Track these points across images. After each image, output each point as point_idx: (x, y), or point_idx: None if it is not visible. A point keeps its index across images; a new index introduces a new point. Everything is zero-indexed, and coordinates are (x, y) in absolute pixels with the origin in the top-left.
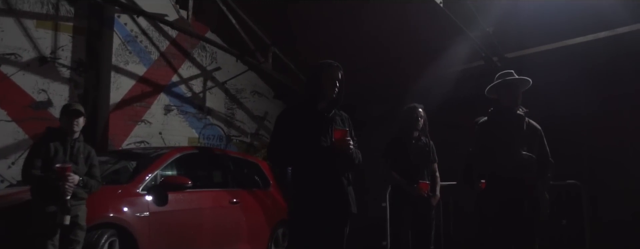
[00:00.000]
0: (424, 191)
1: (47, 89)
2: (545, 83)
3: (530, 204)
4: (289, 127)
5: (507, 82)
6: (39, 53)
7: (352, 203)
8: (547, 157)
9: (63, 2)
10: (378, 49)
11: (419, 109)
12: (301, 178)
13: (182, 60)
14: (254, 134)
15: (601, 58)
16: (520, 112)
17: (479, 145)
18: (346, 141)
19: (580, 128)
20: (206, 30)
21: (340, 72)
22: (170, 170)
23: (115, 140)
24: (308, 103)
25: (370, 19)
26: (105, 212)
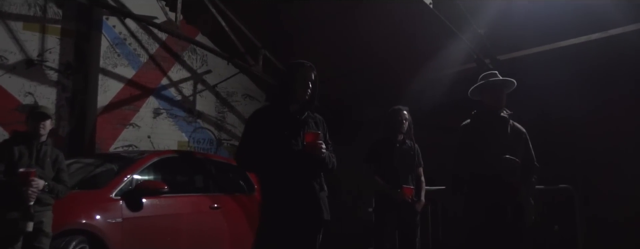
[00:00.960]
0: (408, 196)
1: (33, 92)
2: (537, 85)
3: (515, 210)
4: (259, 130)
5: (491, 83)
6: (25, 55)
7: (324, 209)
8: (533, 161)
9: (51, 4)
10: (371, 51)
11: (404, 111)
12: (270, 183)
13: (172, 63)
14: None
15: (594, 60)
16: (505, 114)
17: (461, 149)
18: (318, 145)
19: (573, 131)
20: (197, 32)
21: (314, 73)
22: (148, 174)
23: (102, 144)
24: (280, 105)
25: (363, 21)
26: (75, 218)
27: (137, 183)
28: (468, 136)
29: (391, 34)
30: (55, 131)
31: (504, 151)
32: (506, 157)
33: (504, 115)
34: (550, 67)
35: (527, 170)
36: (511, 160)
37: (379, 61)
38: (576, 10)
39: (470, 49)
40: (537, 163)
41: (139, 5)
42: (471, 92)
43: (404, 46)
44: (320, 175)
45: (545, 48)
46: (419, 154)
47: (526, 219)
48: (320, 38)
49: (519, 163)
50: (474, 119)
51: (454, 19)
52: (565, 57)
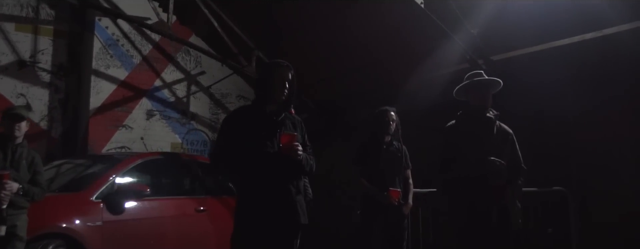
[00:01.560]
0: (395, 199)
1: (26, 93)
2: (532, 85)
3: (500, 213)
4: (235, 130)
5: (475, 83)
6: (18, 57)
7: (301, 213)
8: (519, 163)
9: (43, 5)
10: (365, 52)
11: (391, 112)
12: (245, 186)
13: (166, 64)
14: None
15: (589, 59)
16: (490, 115)
17: (445, 151)
18: (294, 147)
19: (568, 131)
20: (191, 34)
21: (291, 72)
22: (131, 177)
23: (94, 146)
24: (256, 106)
25: (356, 22)
26: (52, 221)
27: (118, 186)
28: (453, 137)
29: (384, 35)
30: (48, 133)
31: (490, 153)
32: (491, 159)
33: (489, 116)
34: (545, 67)
35: (514, 172)
36: (496, 162)
37: (373, 62)
38: (570, 9)
39: (463, 49)
40: (524, 165)
41: (133, 6)
42: (456, 92)
43: (397, 47)
44: (297, 178)
45: (539, 48)
46: (407, 156)
47: (512, 223)
48: (313, 38)
49: (505, 165)
50: (459, 120)
51: (447, 19)
52: (559, 56)
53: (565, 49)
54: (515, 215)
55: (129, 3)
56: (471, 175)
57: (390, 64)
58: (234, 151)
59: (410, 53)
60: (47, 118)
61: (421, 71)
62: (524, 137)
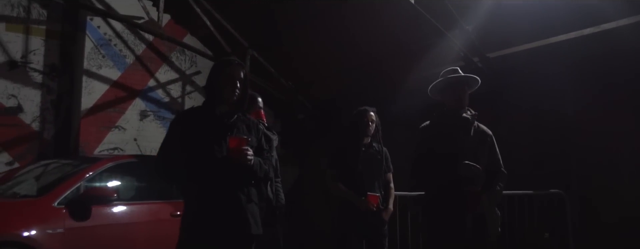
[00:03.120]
0: (373, 205)
1: (17, 94)
2: (529, 83)
3: (475, 222)
4: (181, 134)
5: (450, 81)
6: (8, 57)
7: (252, 222)
8: (499, 167)
9: (35, 5)
10: (360, 51)
11: (370, 112)
12: (190, 194)
13: (160, 64)
14: None
15: (588, 55)
16: (467, 115)
17: (418, 154)
18: (243, 151)
19: (567, 129)
20: (185, 33)
21: (243, 71)
22: (100, 181)
23: (87, 148)
24: (206, 107)
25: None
26: (6, 229)
27: (83, 191)
28: (426, 139)
29: (379, 33)
30: (40, 134)
31: (465, 156)
32: (465, 163)
33: (466, 116)
34: (542, 64)
35: (492, 176)
36: (471, 166)
37: (369, 61)
38: (568, 4)
39: (457, 47)
40: (504, 169)
41: (126, 6)
42: (430, 91)
43: (391, 45)
44: (248, 185)
45: (536, 44)
46: (387, 158)
47: (489, 233)
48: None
49: (480, 170)
50: (433, 121)
51: (440, 15)
52: (557, 53)
53: (564, 45)
54: (493, 224)
55: (122, 2)
56: (444, 181)
57: (386, 63)
58: (177, 157)
59: (405, 52)
60: (39, 119)
61: (416, 69)
62: (522, 135)
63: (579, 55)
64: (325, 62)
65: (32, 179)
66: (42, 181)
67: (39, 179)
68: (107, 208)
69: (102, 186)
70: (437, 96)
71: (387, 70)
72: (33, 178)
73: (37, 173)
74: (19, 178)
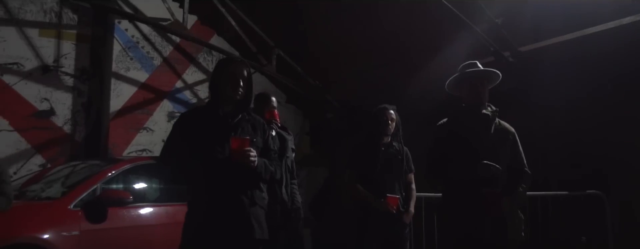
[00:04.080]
0: (393, 207)
1: (49, 98)
2: (565, 77)
3: (495, 226)
4: (184, 135)
5: (468, 75)
6: (41, 62)
7: (256, 226)
8: (522, 166)
9: (66, 10)
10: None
11: (390, 110)
12: (193, 196)
13: (187, 66)
14: None
15: (628, 47)
16: (487, 112)
17: (433, 153)
18: (245, 152)
19: (606, 128)
20: (212, 34)
21: (246, 69)
22: (117, 183)
23: (115, 149)
24: (209, 107)
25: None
26: (22, 231)
27: (99, 193)
28: (442, 138)
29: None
30: (72, 136)
31: (484, 156)
32: (484, 163)
33: (486, 113)
34: (579, 57)
35: (515, 177)
36: (490, 166)
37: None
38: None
39: (486, 41)
40: (528, 169)
41: (152, 8)
42: (448, 86)
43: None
44: (252, 188)
45: (571, 36)
46: (409, 158)
47: (510, 238)
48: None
49: (500, 170)
50: (451, 118)
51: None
52: (594, 44)
53: (602, 36)
54: (515, 228)
55: (149, 5)
56: (461, 183)
57: (414, 59)
58: (179, 158)
59: (432, 48)
60: (71, 122)
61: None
62: (556, 133)
63: (618, 46)
64: (353, 60)
65: (57, 180)
66: (65, 183)
67: (62, 181)
68: (123, 210)
69: (118, 188)
70: (455, 91)
71: (415, 67)
72: (58, 180)
73: (62, 174)
74: (46, 179)
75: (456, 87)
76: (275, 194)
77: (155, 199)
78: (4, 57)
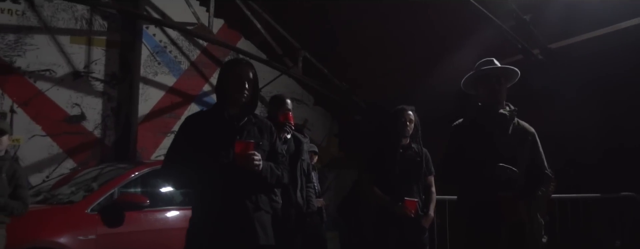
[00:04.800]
0: (411, 211)
1: (80, 103)
2: (598, 75)
3: (512, 231)
4: (189, 139)
5: (484, 73)
6: (72, 68)
7: (260, 232)
8: (542, 168)
9: (96, 17)
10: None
11: (408, 111)
12: (196, 201)
13: (214, 69)
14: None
15: None
16: (504, 111)
17: (449, 156)
18: (249, 156)
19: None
20: (239, 37)
21: (252, 71)
22: (134, 187)
23: (144, 153)
24: (215, 110)
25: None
26: (37, 235)
27: (115, 198)
28: (458, 139)
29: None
30: (102, 141)
31: (501, 158)
32: (500, 165)
33: (503, 112)
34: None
35: (534, 179)
36: (506, 169)
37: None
38: None
39: (514, 39)
40: (549, 171)
41: (179, 13)
42: (464, 85)
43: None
44: (258, 192)
45: (604, 31)
46: (428, 160)
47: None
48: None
49: (518, 173)
50: (467, 118)
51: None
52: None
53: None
54: (534, 234)
55: (176, 10)
56: (477, 186)
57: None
58: (183, 162)
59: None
60: (101, 126)
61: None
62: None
63: None
64: (380, 61)
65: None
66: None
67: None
68: (140, 214)
69: (136, 192)
70: (472, 90)
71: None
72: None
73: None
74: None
75: (473, 85)
76: (289, 198)
77: (173, 203)
78: (37, 64)
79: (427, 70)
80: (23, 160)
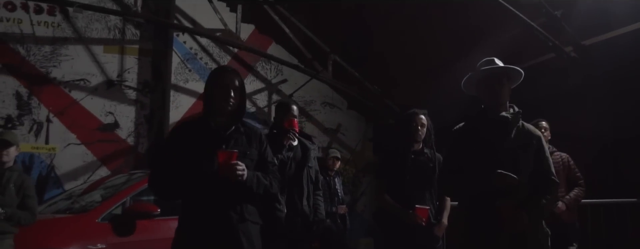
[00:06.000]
0: (422, 219)
1: (114, 111)
2: (637, 72)
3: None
4: (175, 148)
5: (484, 74)
6: (106, 77)
7: (245, 243)
8: (548, 175)
9: (129, 26)
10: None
11: (420, 115)
12: (182, 212)
13: (245, 75)
14: (327, 148)
15: None
16: (506, 114)
17: (448, 163)
18: (232, 166)
19: None
20: (270, 42)
21: (238, 79)
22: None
23: None
24: (202, 119)
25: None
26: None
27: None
28: (458, 144)
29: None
30: (135, 148)
31: (501, 163)
32: (499, 172)
33: (505, 115)
34: None
35: (538, 187)
36: (505, 176)
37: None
38: None
39: (545, 37)
40: (555, 177)
41: (209, 19)
42: (464, 86)
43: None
44: (244, 202)
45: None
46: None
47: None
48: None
49: (518, 180)
50: (468, 122)
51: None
52: None
53: None
54: (538, 244)
55: (206, 17)
56: (474, 193)
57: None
58: (168, 173)
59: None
60: (134, 134)
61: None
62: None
63: None
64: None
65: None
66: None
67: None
68: (152, 223)
69: (148, 200)
70: (472, 91)
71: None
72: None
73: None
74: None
75: (473, 86)
76: (295, 206)
77: None
78: (72, 74)
79: (455, 72)
80: (58, 168)
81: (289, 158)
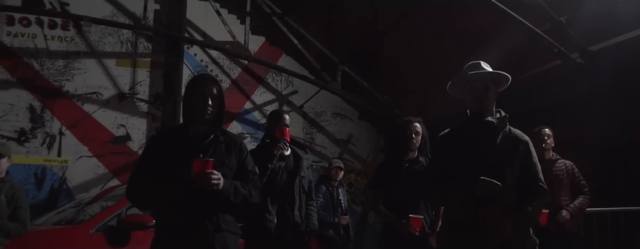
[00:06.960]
0: (415, 229)
1: (125, 124)
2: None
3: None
4: (154, 158)
5: (468, 79)
6: (118, 90)
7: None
8: (535, 181)
9: (141, 40)
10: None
11: (415, 123)
12: (158, 222)
13: (255, 87)
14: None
15: None
16: (492, 119)
17: (431, 170)
18: (206, 175)
19: None
20: (281, 53)
21: (216, 87)
22: None
23: None
24: (181, 128)
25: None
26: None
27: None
28: (441, 151)
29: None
30: None
31: (485, 170)
32: (482, 179)
33: (490, 120)
34: None
35: (525, 193)
36: (488, 183)
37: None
38: None
39: (550, 43)
40: (543, 184)
41: (220, 31)
42: (450, 90)
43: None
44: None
45: None
46: None
47: None
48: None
49: (502, 187)
50: (453, 128)
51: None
52: None
53: None
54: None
55: (216, 29)
56: (458, 201)
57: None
58: (146, 182)
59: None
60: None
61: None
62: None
63: None
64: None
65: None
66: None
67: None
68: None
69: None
70: (459, 95)
71: None
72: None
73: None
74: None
75: (458, 91)
76: (286, 216)
77: None
78: (85, 87)
79: None
80: (70, 180)
81: (280, 167)
